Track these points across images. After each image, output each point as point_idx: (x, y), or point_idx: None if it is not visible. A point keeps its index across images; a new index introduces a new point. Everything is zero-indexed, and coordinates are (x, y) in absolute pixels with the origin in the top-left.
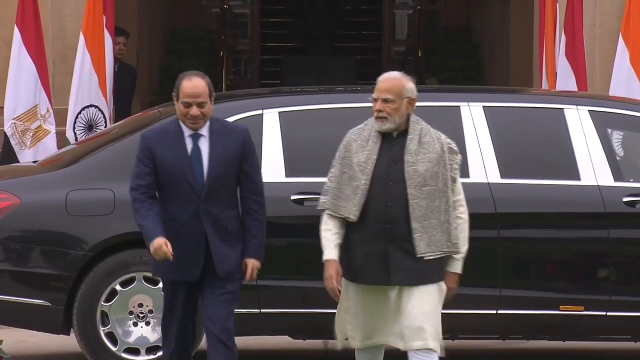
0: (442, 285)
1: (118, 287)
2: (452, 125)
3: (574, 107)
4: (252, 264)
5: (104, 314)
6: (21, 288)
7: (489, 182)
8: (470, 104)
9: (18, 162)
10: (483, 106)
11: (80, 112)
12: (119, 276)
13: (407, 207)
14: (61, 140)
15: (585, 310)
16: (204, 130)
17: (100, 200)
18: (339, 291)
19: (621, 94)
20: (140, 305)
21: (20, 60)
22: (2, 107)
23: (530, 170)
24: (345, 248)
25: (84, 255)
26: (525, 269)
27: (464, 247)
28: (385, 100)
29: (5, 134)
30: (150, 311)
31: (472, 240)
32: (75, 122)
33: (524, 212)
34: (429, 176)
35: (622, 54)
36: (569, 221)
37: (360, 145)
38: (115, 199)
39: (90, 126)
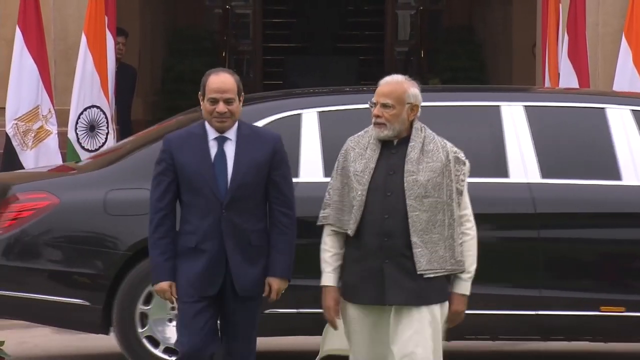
0: (445, 306)
1: None
2: (492, 125)
3: (617, 106)
4: (277, 285)
5: (143, 315)
6: (60, 287)
7: (529, 182)
8: (511, 103)
9: (20, 162)
10: (524, 105)
11: (82, 113)
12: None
13: (405, 220)
14: (63, 141)
15: (626, 311)
16: (231, 134)
17: (139, 200)
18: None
19: None
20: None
21: (22, 60)
22: (4, 108)
23: (571, 170)
24: (344, 266)
25: (123, 255)
26: (566, 270)
27: (472, 266)
28: (384, 106)
29: (6, 134)
30: None
31: (511, 240)
32: (77, 123)
33: (565, 212)
34: (430, 187)
35: (625, 54)
36: (610, 221)
37: (358, 154)
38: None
39: (92, 127)
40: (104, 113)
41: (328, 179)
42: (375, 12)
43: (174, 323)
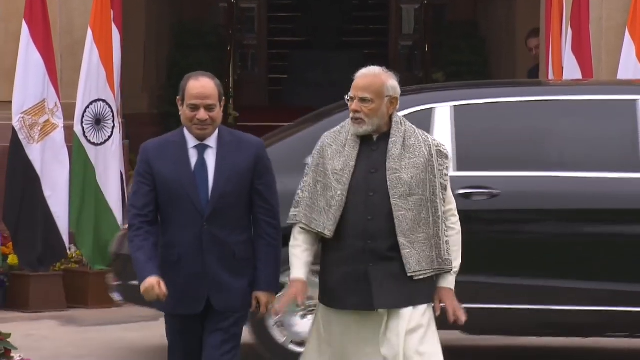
0: (431, 305)
1: (285, 279)
2: (626, 120)
3: None
4: (266, 299)
5: None
6: None
7: None
8: None
9: (26, 156)
10: None
11: (88, 107)
12: (286, 269)
13: (390, 221)
14: (69, 134)
15: None
16: (212, 141)
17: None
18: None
19: None
20: (309, 298)
21: (29, 54)
22: (10, 102)
23: None
24: (321, 269)
25: None
26: None
27: (456, 260)
28: (362, 100)
29: (13, 128)
30: None
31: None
32: (83, 117)
33: None
34: (415, 184)
35: (629, 48)
36: None
37: (336, 151)
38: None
39: (98, 120)
40: (110, 107)
41: (459, 174)
42: (380, 6)
43: (301, 314)
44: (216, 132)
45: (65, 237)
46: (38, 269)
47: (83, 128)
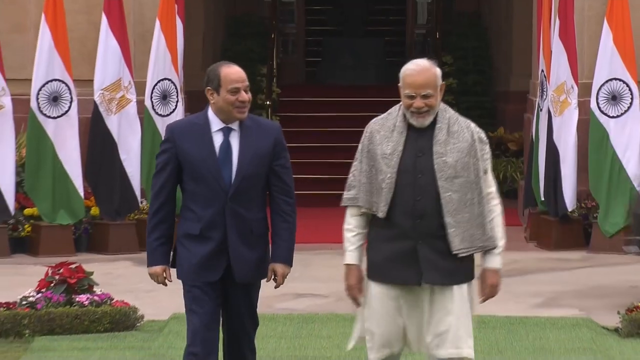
0: (472, 283)
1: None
2: None
3: None
4: (282, 270)
5: None
6: None
7: None
8: None
9: (105, 125)
10: None
11: (156, 84)
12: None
13: (437, 201)
14: (140, 107)
15: None
16: (235, 125)
17: None
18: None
19: (605, 70)
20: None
21: (107, 41)
22: (92, 80)
23: None
24: (369, 245)
25: None
26: None
27: (501, 240)
28: (424, 96)
29: (94, 102)
30: None
31: None
32: (152, 93)
33: None
34: (459, 167)
35: (607, 35)
36: None
37: (384, 137)
38: None
39: (164, 96)
40: (174, 84)
41: None
42: (398, 1)
43: None
44: None
45: (138, 193)
46: (115, 219)
47: (152, 102)
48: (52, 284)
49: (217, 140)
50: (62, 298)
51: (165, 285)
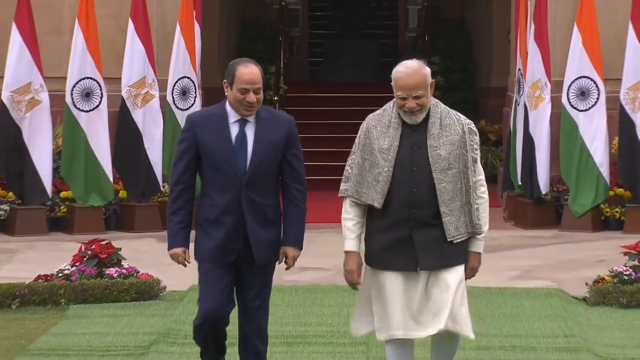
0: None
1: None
2: None
3: None
4: (293, 253)
5: None
6: None
7: None
8: None
9: (132, 118)
10: None
11: (176, 82)
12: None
13: (432, 192)
14: (163, 102)
15: None
16: (251, 117)
17: None
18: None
19: (575, 69)
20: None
21: (133, 43)
22: (119, 78)
23: None
24: (368, 235)
25: None
26: None
27: (485, 226)
28: (416, 97)
29: (122, 97)
30: None
31: None
32: (173, 89)
33: None
34: (452, 159)
35: (577, 37)
36: None
37: (380, 132)
38: None
39: (184, 92)
40: (193, 82)
41: None
42: (392, 7)
43: None
44: None
45: (160, 178)
46: (141, 201)
47: (173, 97)
48: (85, 259)
49: (234, 130)
50: (94, 271)
51: (185, 265)
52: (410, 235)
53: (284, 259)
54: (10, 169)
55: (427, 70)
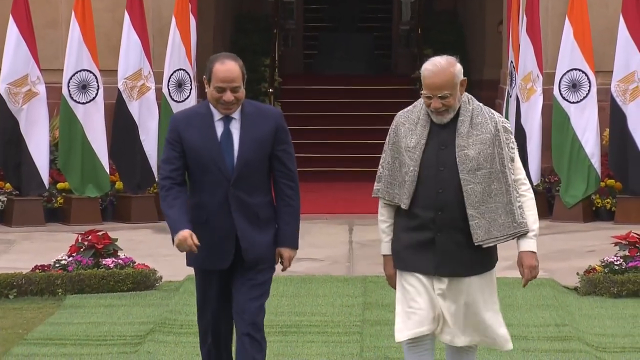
0: (493, 272)
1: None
2: None
3: None
4: (288, 254)
5: None
6: None
7: None
8: None
9: (128, 110)
10: None
11: (172, 74)
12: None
13: (459, 193)
14: (159, 94)
15: None
16: (236, 114)
17: None
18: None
19: (566, 61)
20: None
21: (129, 35)
22: (116, 70)
23: None
24: (394, 234)
25: None
26: None
27: (534, 224)
28: (442, 97)
29: (118, 89)
30: None
31: None
32: (169, 81)
33: None
34: (482, 159)
35: (568, 30)
36: None
37: (408, 129)
38: None
39: (179, 84)
40: (188, 74)
41: None
42: (385, 1)
43: None
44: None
45: (155, 170)
46: (137, 192)
47: (169, 90)
48: (81, 249)
49: (219, 128)
50: (91, 261)
51: (195, 250)
52: (433, 238)
53: (279, 260)
54: (7, 160)
55: (457, 68)
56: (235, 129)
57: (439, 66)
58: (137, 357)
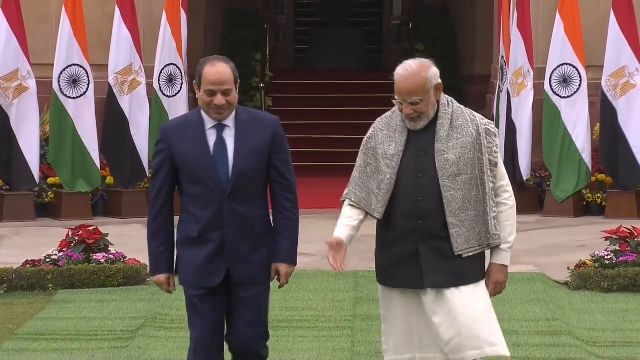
0: (482, 282)
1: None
2: None
3: None
4: (285, 270)
5: None
6: None
7: None
8: None
9: (118, 105)
10: None
11: (163, 69)
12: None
13: (440, 201)
14: (149, 89)
15: None
16: (229, 121)
17: None
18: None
19: (557, 56)
20: None
21: (120, 30)
22: (107, 65)
23: None
24: (376, 249)
25: None
26: None
27: (511, 236)
28: (412, 103)
29: (109, 84)
30: None
31: None
32: (159, 76)
33: None
34: (463, 164)
35: (559, 25)
36: None
37: (386, 136)
38: None
39: (170, 79)
40: (179, 69)
41: None
42: None
43: None
44: (233, 111)
45: (146, 164)
46: (127, 187)
47: (160, 84)
48: (72, 244)
49: (212, 137)
50: (81, 256)
51: (170, 292)
52: (416, 248)
53: (275, 277)
54: None
55: (431, 72)
56: (229, 137)
57: (410, 71)
58: (128, 352)
